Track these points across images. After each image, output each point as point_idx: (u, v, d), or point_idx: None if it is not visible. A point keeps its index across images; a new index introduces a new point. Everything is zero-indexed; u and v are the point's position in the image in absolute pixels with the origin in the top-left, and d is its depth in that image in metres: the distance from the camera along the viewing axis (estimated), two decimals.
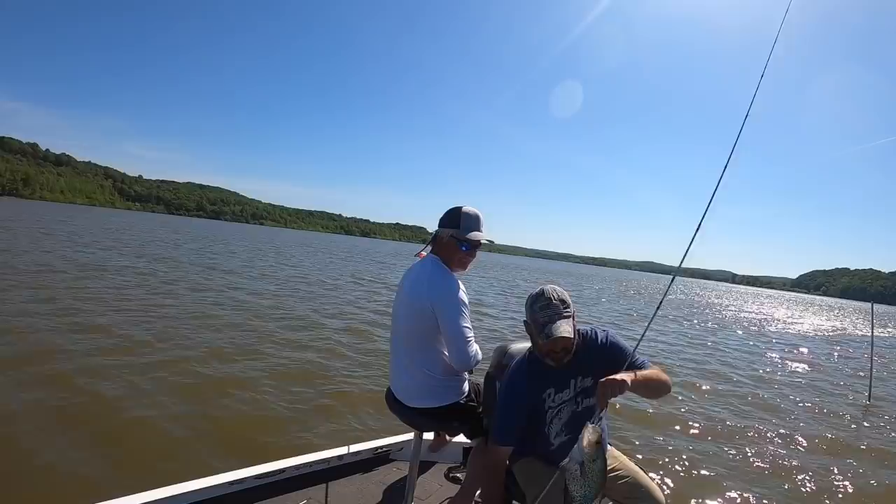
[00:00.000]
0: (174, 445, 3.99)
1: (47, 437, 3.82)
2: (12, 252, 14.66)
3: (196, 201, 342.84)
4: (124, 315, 8.17)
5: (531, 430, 2.03)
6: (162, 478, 2.55)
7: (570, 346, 1.89)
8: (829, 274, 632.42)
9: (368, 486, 2.88)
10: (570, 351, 1.91)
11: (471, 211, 2.33)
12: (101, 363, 5.57)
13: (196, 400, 4.92)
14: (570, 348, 1.91)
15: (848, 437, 6.37)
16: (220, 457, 3.80)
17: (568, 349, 1.90)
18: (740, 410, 7.04)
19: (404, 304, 2.33)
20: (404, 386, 2.36)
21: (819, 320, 35.03)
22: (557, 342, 1.85)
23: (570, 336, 1.83)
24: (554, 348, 1.89)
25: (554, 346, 1.88)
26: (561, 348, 1.89)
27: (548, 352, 1.92)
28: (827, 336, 21.94)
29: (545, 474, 1.96)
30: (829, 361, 13.43)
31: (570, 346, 1.90)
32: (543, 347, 1.91)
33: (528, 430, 2.02)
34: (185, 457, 3.80)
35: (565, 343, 1.86)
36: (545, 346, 1.90)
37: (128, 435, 4.06)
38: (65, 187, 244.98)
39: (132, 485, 2.44)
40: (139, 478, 3.32)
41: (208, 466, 2.85)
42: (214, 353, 6.59)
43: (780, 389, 8.79)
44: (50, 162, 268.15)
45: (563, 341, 1.85)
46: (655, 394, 1.94)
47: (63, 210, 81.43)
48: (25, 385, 4.71)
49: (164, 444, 3.97)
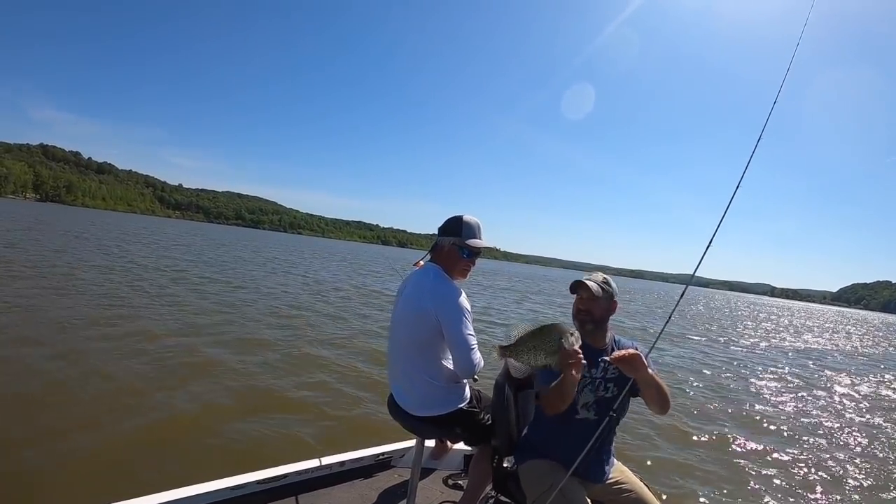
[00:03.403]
0: (175, 449, 4.03)
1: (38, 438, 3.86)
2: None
3: (235, 210, 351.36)
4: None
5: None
6: (165, 482, 2.56)
7: (590, 302, 2.08)
8: (871, 287, 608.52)
9: (369, 492, 2.88)
10: (592, 314, 2.09)
11: (471, 220, 2.35)
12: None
13: (204, 406, 4.96)
14: (593, 311, 2.09)
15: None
16: (222, 462, 3.80)
17: (591, 310, 2.09)
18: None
19: (405, 313, 2.33)
20: (406, 393, 2.36)
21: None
22: (580, 291, 2.10)
23: (588, 285, 2.07)
24: (578, 302, 2.13)
25: (578, 299, 2.13)
26: (583, 302, 2.11)
27: (575, 311, 2.15)
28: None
29: (549, 474, 2.01)
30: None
31: (592, 306, 2.09)
32: (573, 305, 2.16)
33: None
34: (185, 462, 3.83)
35: (585, 292, 2.08)
36: (574, 303, 2.15)
37: (144, 436, 4.15)
38: (106, 195, 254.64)
39: (139, 488, 2.49)
40: (139, 478, 3.42)
41: (209, 471, 2.86)
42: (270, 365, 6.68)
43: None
44: (92, 170, 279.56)
45: (583, 290, 2.09)
46: (659, 401, 1.96)
47: (123, 218, 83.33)
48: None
49: (166, 448, 4.01)
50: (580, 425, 2.08)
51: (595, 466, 2.09)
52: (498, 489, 2.42)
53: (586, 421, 2.09)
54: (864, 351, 21.02)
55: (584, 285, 2.08)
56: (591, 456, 2.04)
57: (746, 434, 6.33)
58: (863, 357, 18.25)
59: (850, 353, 19.03)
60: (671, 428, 6.15)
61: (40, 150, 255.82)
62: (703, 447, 5.69)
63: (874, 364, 16.32)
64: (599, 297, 2.07)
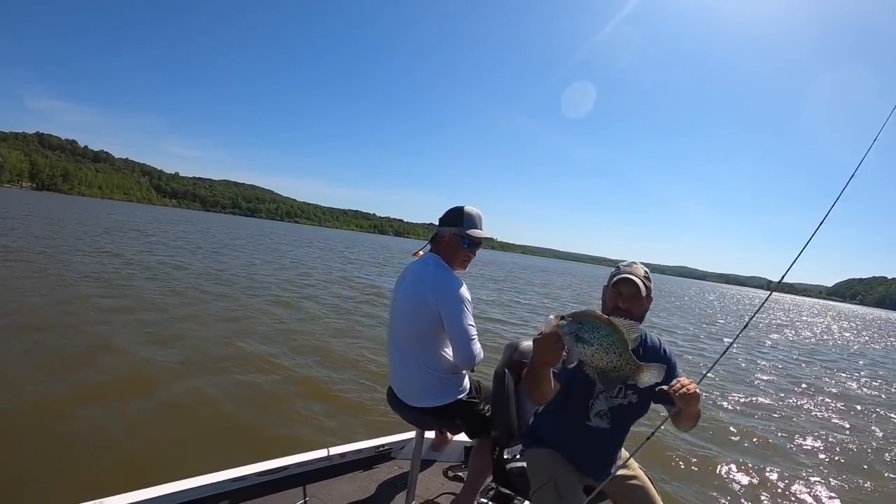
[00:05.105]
0: (176, 442, 3.99)
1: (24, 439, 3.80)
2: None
3: (231, 198, 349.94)
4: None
5: (577, 395, 1.97)
6: (164, 474, 2.54)
7: (634, 299, 1.89)
8: (866, 282, 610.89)
9: (370, 483, 2.88)
10: (631, 313, 1.86)
11: (472, 210, 2.35)
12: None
13: (197, 396, 4.95)
14: (633, 311, 1.88)
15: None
16: (222, 453, 3.77)
17: (631, 309, 1.88)
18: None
19: (405, 303, 2.32)
20: (406, 385, 2.35)
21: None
22: (623, 288, 1.90)
23: (634, 281, 1.88)
24: (617, 299, 1.90)
25: (618, 295, 1.91)
26: (625, 300, 1.89)
27: (613, 307, 1.90)
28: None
29: (550, 466, 1.95)
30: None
31: (634, 305, 1.89)
32: (609, 301, 1.94)
33: (574, 393, 1.96)
34: (186, 454, 3.81)
35: (629, 289, 1.89)
36: (610, 297, 1.94)
37: (137, 431, 4.10)
38: (103, 183, 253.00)
39: (129, 483, 2.43)
40: (138, 475, 3.36)
41: (210, 463, 2.85)
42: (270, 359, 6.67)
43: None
44: (88, 158, 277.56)
45: (627, 286, 1.89)
46: (689, 424, 1.82)
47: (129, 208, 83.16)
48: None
49: (166, 441, 3.98)
50: (592, 434, 1.98)
51: (602, 467, 2.00)
52: (498, 481, 2.43)
53: (599, 430, 1.97)
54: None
55: (630, 282, 1.88)
56: (600, 458, 2.01)
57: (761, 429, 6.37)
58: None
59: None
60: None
61: (36, 139, 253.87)
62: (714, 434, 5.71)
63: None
64: (643, 296, 1.90)
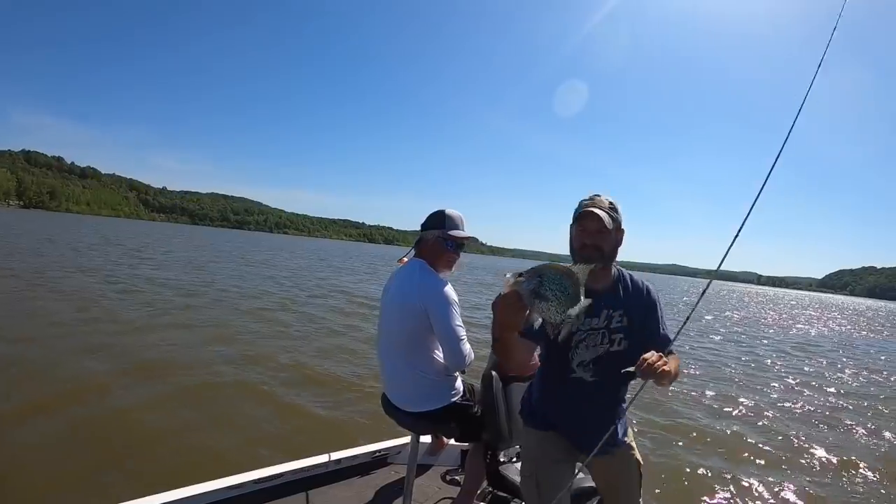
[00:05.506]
0: (174, 450, 3.98)
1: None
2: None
3: (220, 211, 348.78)
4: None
5: (556, 350, 1.81)
6: (159, 483, 2.53)
7: (600, 234, 1.70)
8: (856, 273, 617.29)
9: (366, 489, 2.87)
10: (601, 249, 1.71)
11: (453, 213, 2.38)
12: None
13: (193, 404, 4.93)
14: (602, 246, 1.71)
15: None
16: (218, 461, 3.76)
17: (599, 245, 1.71)
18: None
19: (392, 308, 2.33)
20: (399, 390, 2.36)
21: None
22: (586, 223, 1.70)
23: (597, 214, 1.67)
24: (583, 236, 1.72)
25: (583, 232, 1.72)
26: (590, 236, 1.71)
27: (580, 245, 1.73)
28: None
29: (537, 447, 1.90)
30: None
31: (601, 239, 1.71)
32: (575, 240, 1.76)
33: (553, 349, 1.82)
34: (182, 461, 3.78)
35: (593, 224, 1.69)
36: (576, 236, 1.75)
37: (128, 439, 4.07)
38: (90, 199, 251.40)
39: (130, 490, 2.43)
40: (138, 481, 3.34)
41: (206, 471, 2.85)
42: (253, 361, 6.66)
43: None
44: (75, 175, 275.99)
45: (591, 221, 1.69)
46: (664, 384, 1.60)
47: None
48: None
49: (164, 448, 3.97)
50: (576, 386, 1.81)
51: (595, 429, 1.69)
52: (492, 484, 2.44)
53: (584, 383, 1.80)
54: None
55: (593, 215, 1.68)
56: (589, 424, 1.79)
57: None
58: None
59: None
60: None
61: (23, 157, 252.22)
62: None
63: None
64: (609, 229, 1.70)
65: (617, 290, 1.80)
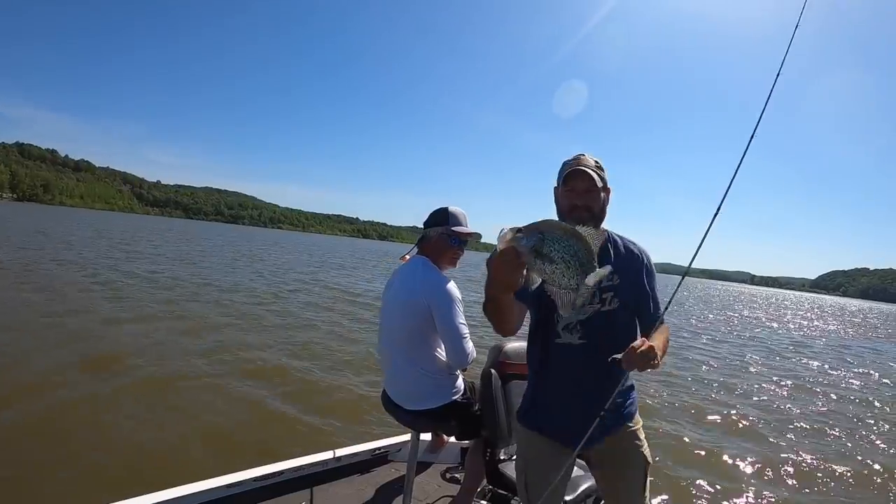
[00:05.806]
0: (169, 448, 3.94)
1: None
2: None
3: (214, 206, 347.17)
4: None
5: (543, 312, 1.70)
6: (158, 482, 2.51)
7: (589, 193, 1.62)
8: (849, 274, 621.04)
9: (366, 487, 2.88)
10: (591, 209, 1.62)
11: (456, 209, 2.40)
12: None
13: (190, 402, 4.88)
14: (592, 206, 1.63)
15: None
16: (217, 460, 3.73)
17: (589, 205, 1.62)
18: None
19: (395, 306, 2.33)
20: (400, 388, 2.36)
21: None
22: (575, 183, 1.62)
23: (586, 173, 1.59)
24: (572, 196, 1.63)
25: (571, 192, 1.63)
26: (580, 196, 1.62)
27: (570, 207, 1.64)
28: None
29: (527, 446, 1.79)
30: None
31: (591, 199, 1.63)
32: (563, 201, 1.67)
33: (541, 310, 1.71)
34: (180, 460, 3.76)
35: (582, 183, 1.61)
36: (563, 197, 1.67)
37: (123, 438, 4.03)
38: (84, 193, 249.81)
39: (129, 489, 2.41)
40: (137, 481, 3.29)
41: (205, 469, 2.84)
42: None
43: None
44: (69, 168, 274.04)
45: (579, 180, 1.61)
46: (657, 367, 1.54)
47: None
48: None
49: (159, 448, 3.92)
50: (566, 355, 1.67)
51: (584, 422, 1.48)
52: (492, 482, 2.45)
53: (572, 348, 1.65)
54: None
55: (582, 173, 1.60)
56: (579, 404, 1.63)
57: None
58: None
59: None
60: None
61: (16, 149, 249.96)
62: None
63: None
64: (598, 187, 1.62)
65: (607, 249, 1.70)
